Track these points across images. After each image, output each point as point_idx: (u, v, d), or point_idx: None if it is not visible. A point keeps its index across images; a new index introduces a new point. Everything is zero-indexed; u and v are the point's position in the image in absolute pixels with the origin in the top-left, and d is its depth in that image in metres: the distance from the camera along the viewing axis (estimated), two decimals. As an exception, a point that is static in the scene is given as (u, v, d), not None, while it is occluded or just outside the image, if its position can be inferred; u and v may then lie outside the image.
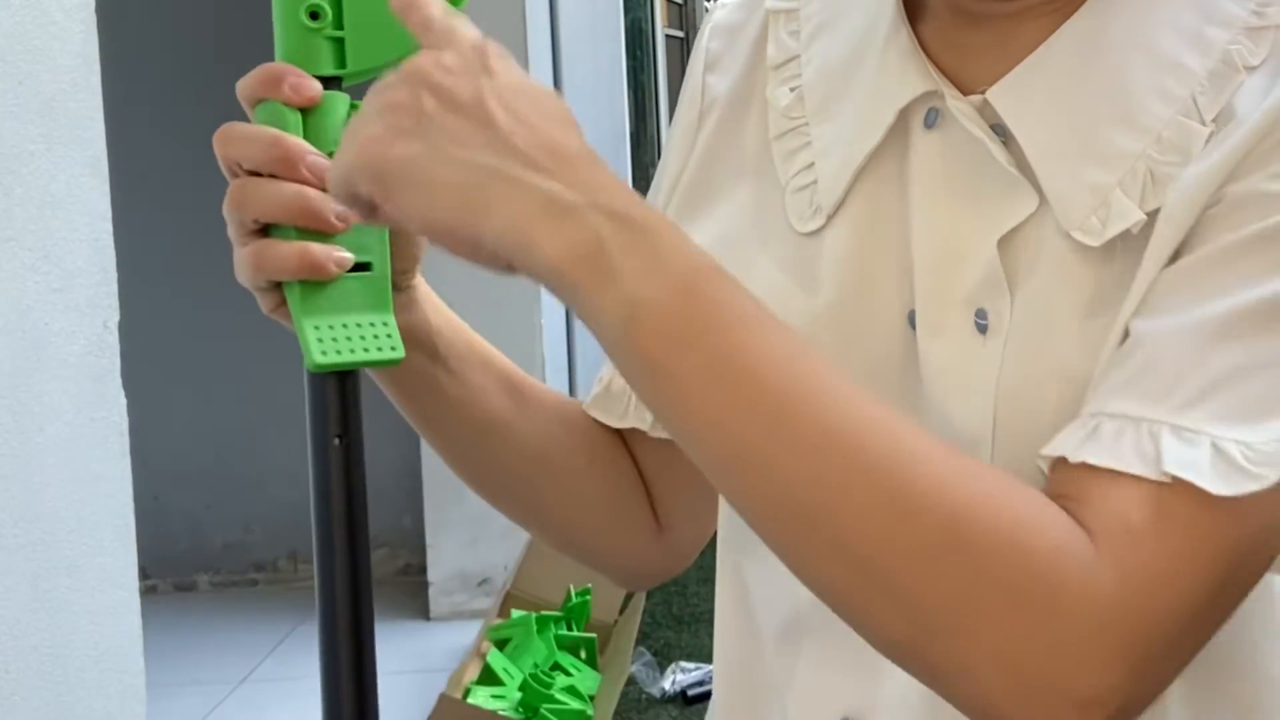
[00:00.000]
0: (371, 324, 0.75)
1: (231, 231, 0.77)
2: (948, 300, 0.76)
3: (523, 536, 3.96)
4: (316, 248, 0.74)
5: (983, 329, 0.75)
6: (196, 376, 4.83)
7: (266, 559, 4.99)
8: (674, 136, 0.92)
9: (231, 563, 4.98)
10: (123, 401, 1.98)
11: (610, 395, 0.93)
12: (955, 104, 0.77)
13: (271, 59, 0.76)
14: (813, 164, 0.82)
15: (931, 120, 0.78)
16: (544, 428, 0.90)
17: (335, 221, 0.74)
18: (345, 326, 0.74)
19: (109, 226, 1.96)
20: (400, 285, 0.83)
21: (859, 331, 0.79)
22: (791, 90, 0.85)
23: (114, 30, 2.39)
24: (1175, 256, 0.70)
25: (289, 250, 0.74)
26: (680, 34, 12.04)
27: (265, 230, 0.76)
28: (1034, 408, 0.73)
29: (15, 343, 1.75)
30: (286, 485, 4.87)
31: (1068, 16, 0.76)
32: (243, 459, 4.91)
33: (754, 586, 0.87)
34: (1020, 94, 0.76)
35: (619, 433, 0.94)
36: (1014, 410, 0.74)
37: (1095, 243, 0.73)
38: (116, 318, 1.97)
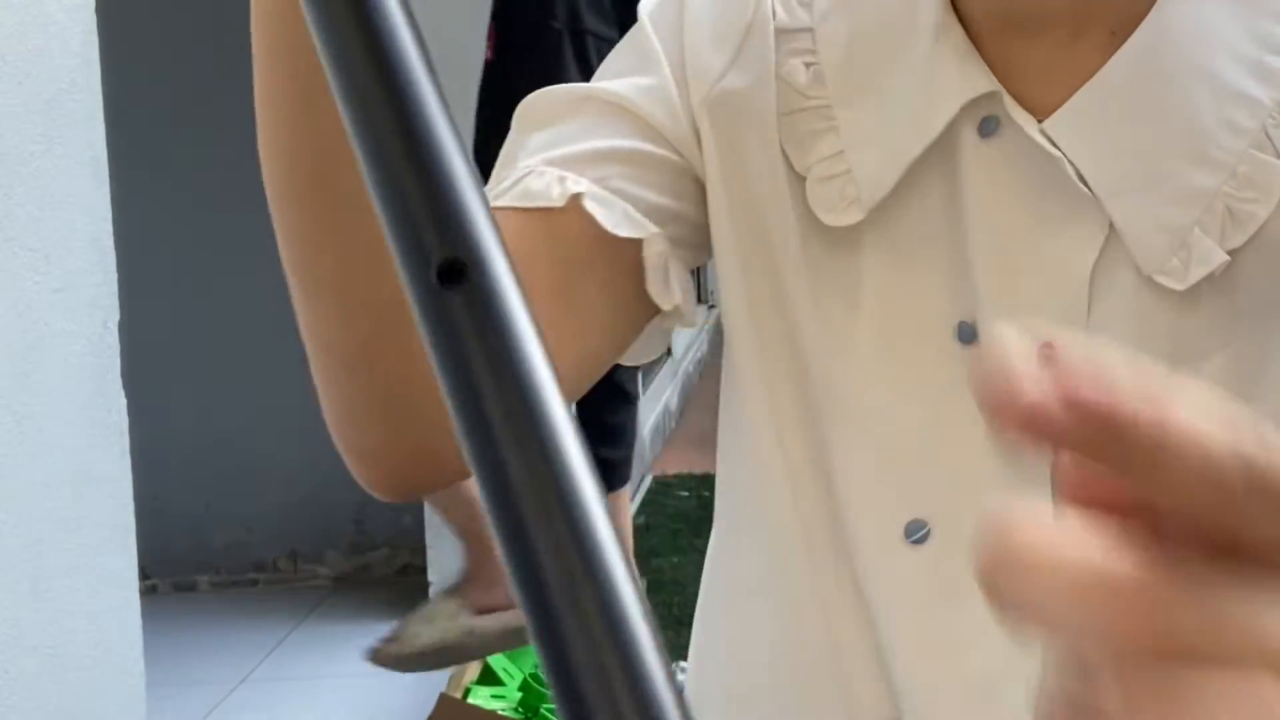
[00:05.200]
0: None
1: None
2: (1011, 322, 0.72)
3: (523, 536, 3.95)
4: None
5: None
6: (196, 376, 4.82)
7: (266, 559, 4.99)
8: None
9: (231, 563, 4.98)
10: (123, 401, 1.97)
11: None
12: (1016, 112, 0.72)
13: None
14: (842, 152, 0.75)
15: (991, 129, 0.73)
16: None
17: None
18: None
19: (109, 226, 1.96)
20: None
21: (905, 340, 0.75)
22: (807, 66, 0.77)
23: (114, 30, 2.39)
24: None
25: None
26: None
27: None
28: None
29: (15, 343, 1.75)
30: (286, 485, 4.86)
31: (1123, 37, 0.72)
32: (242, 460, 4.91)
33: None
34: (1080, 124, 0.71)
35: None
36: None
37: (1180, 286, 0.69)
38: (116, 318, 1.97)
